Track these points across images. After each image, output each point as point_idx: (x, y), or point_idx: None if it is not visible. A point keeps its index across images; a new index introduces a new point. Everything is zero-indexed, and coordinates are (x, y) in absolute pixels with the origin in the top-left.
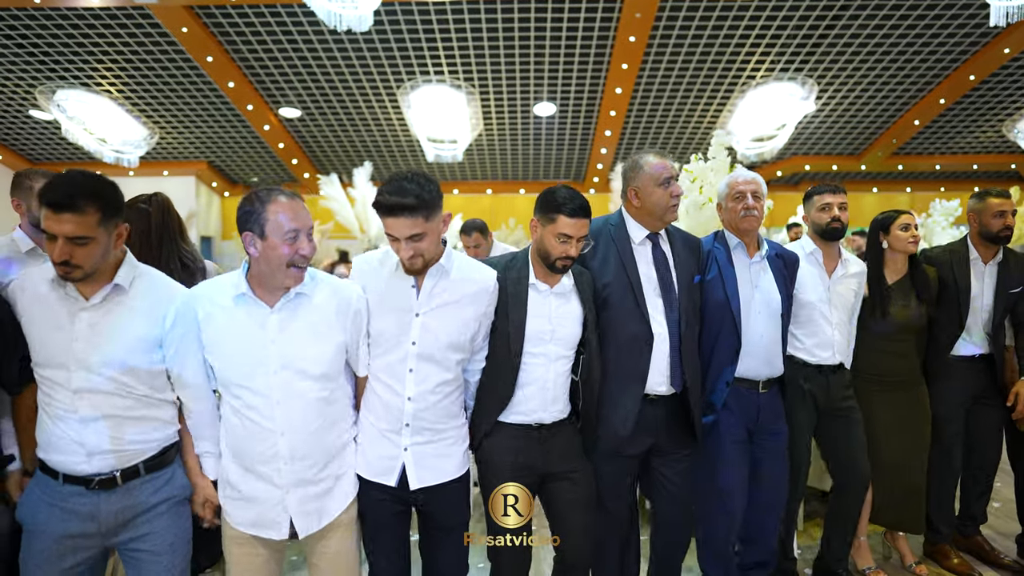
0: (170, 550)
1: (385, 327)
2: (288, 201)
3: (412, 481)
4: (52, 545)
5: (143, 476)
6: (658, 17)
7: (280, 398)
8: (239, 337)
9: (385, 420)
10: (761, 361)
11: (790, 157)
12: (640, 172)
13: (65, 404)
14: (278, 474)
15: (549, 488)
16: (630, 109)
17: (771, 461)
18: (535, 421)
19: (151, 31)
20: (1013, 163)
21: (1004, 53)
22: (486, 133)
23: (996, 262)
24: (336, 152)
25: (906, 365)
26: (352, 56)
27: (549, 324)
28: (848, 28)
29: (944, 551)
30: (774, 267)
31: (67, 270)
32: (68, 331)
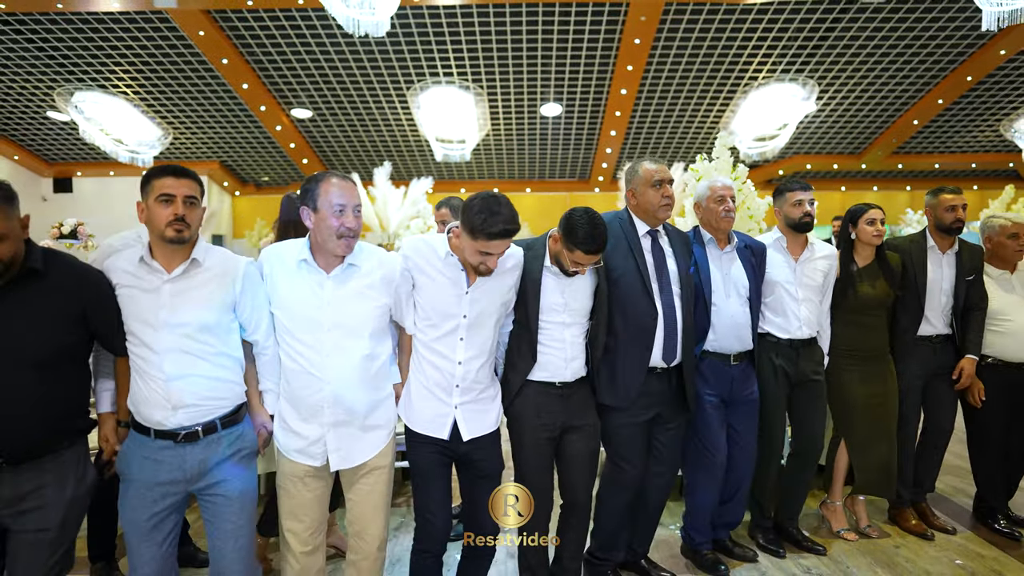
0: (240, 495)
1: (439, 303)
2: (339, 181)
3: (464, 434)
4: (145, 491)
5: (220, 431)
6: (662, 20)
7: (329, 352)
8: (299, 296)
9: (437, 383)
10: (732, 338)
11: (791, 156)
12: (636, 175)
13: (153, 365)
14: (322, 415)
15: (565, 439)
16: (635, 110)
17: (744, 426)
18: (558, 380)
19: (168, 34)
20: (1011, 161)
21: (1000, 55)
22: (493, 133)
23: (953, 252)
24: (346, 152)
25: (876, 339)
26: (363, 58)
27: (562, 298)
28: (848, 30)
29: (904, 515)
30: (743, 257)
31: (180, 227)
32: (155, 300)
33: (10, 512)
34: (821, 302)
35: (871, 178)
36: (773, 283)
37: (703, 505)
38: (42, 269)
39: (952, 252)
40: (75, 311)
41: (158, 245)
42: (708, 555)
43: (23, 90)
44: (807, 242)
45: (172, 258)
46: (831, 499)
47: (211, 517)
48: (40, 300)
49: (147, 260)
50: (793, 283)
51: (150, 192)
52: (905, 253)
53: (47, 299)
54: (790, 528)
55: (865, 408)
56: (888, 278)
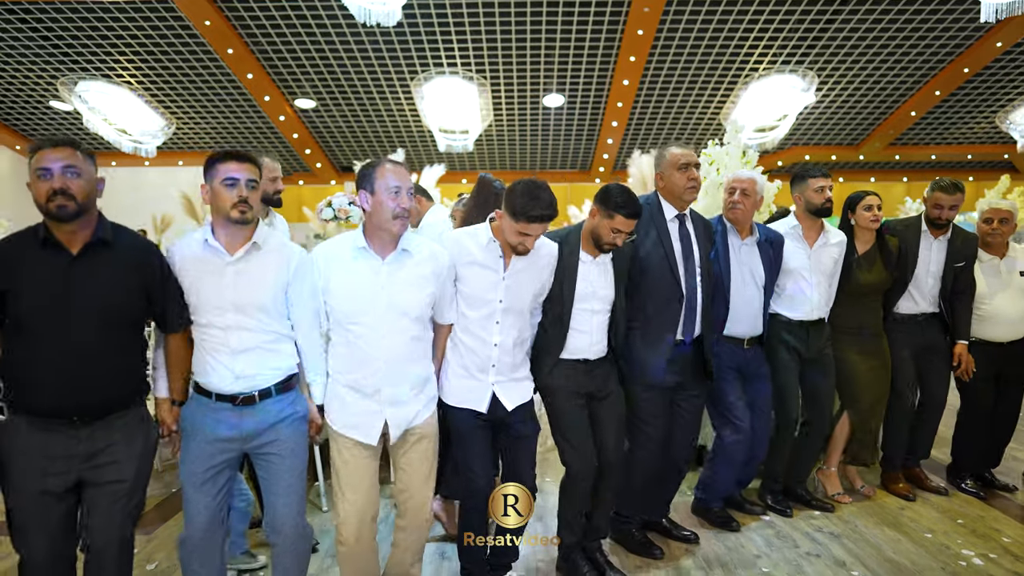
0: (292, 454)
1: (478, 288)
2: (393, 165)
3: (507, 405)
4: (205, 446)
5: (274, 397)
6: (665, 11)
7: (385, 332)
8: (357, 282)
9: (474, 363)
10: (747, 325)
11: (791, 147)
12: (664, 159)
13: (219, 339)
14: (378, 394)
15: (592, 405)
16: (636, 100)
17: (760, 396)
18: (583, 358)
19: (173, 23)
20: (1006, 153)
21: (996, 47)
22: (496, 124)
23: (945, 238)
24: (348, 142)
25: (874, 319)
26: (367, 48)
27: (591, 287)
28: (847, 23)
29: (894, 478)
30: (763, 249)
31: (244, 208)
32: (219, 281)
33: (87, 467)
34: (831, 286)
35: (869, 169)
36: (789, 271)
37: (725, 471)
38: (111, 240)
39: (944, 238)
40: (139, 282)
41: (222, 226)
42: (719, 512)
43: (26, 80)
44: (822, 228)
45: (234, 239)
46: (827, 465)
47: (265, 475)
48: (110, 268)
49: (211, 242)
50: (808, 269)
51: (215, 175)
52: (901, 235)
53: (116, 268)
54: (799, 490)
55: (866, 380)
56: (886, 262)
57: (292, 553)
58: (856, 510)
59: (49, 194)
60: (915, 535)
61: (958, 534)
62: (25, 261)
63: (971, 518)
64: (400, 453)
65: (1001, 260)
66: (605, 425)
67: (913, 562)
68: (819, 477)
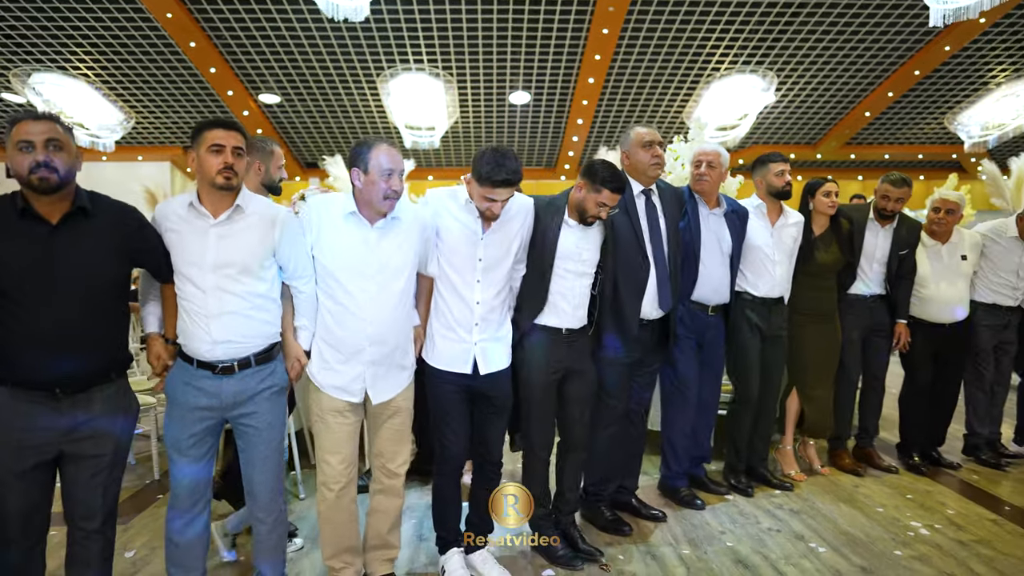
0: (269, 427)
1: (458, 244)
2: (387, 147)
3: (482, 369)
4: (186, 413)
5: (253, 367)
6: (630, 11)
7: (373, 295)
8: (347, 245)
9: (458, 322)
10: (712, 290)
11: (751, 146)
12: (629, 138)
13: (198, 301)
14: (363, 354)
15: (565, 381)
16: (601, 98)
17: (712, 368)
18: (565, 327)
19: (133, 16)
20: (954, 153)
21: (945, 51)
22: (462, 121)
23: (892, 227)
24: (313, 138)
25: (828, 300)
26: (333, 44)
27: (576, 248)
28: (805, 25)
29: (841, 455)
30: (729, 220)
31: (229, 175)
32: (202, 242)
33: (67, 439)
34: (791, 265)
35: (826, 167)
36: (753, 246)
37: (679, 436)
38: (90, 208)
39: (891, 228)
40: (121, 246)
41: (207, 192)
42: (685, 492)
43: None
44: (782, 209)
45: (219, 204)
46: (783, 444)
47: (244, 445)
48: (91, 237)
49: (196, 205)
50: (771, 246)
51: (201, 143)
52: (853, 221)
53: (97, 236)
54: (760, 469)
55: (816, 360)
56: (840, 243)
57: (269, 523)
58: (814, 488)
59: (32, 166)
60: (868, 510)
61: (907, 508)
62: (3, 232)
63: (919, 493)
64: (379, 422)
65: (944, 246)
66: (574, 402)
67: (866, 534)
68: (776, 455)
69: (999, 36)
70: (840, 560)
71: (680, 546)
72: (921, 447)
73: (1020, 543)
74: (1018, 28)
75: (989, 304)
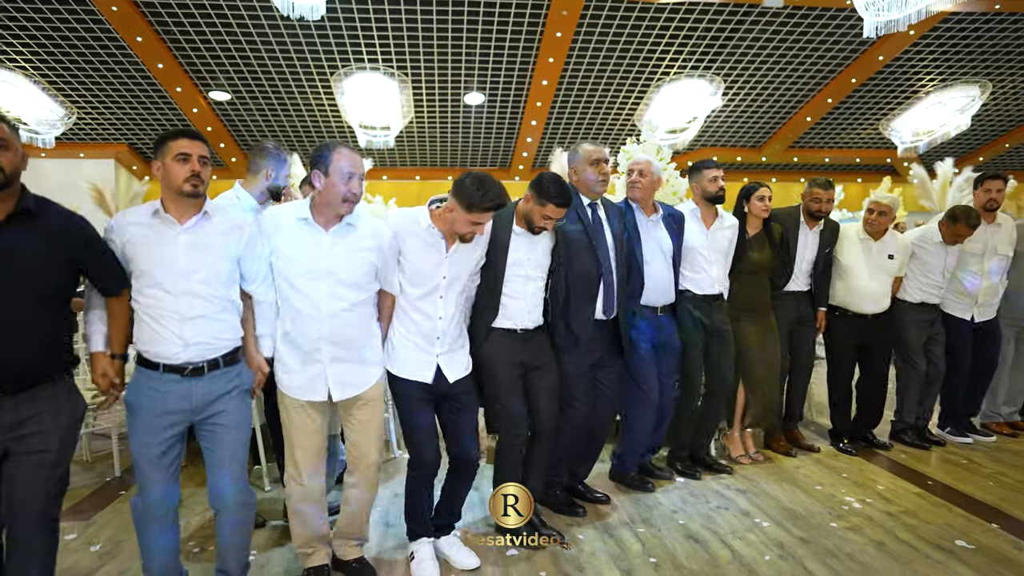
0: (236, 425)
1: (423, 267)
2: (348, 151)
3: (449, 377)
4: (154, 420)
5: (221, 368)
6: (583, 15)
7: (324, 296)
8: (301, 250)
9: (421, 336)
10: (659, 293)
11: (700, 148)
12: (577, 155)
13: (168, 306)
14: (319, 352)
15: (528, 375)
16: (555, 101)
17: (667, 368)
18: (520, 327)
19: (76, 8)
20: (888, 157)
21: (879, 60)
22: (417, 120)
23: (819, 229)
24: (265, 136)
25: (762, 296)
26: (287, 41)
27: (526, 255)
28: (750, 32)
29: (776, 439)
30: (667, 224)
31: (196, 183)
32: (172, 249)
33: (11, 437)
34: (726, 264)
35: (770, 170)
36: (690, 248)
37: (639, 437)
38: (35, 210)
39: (818, 229)
40: (65, 254)
41: (173, 200)
42: (634, 477)
43: None
44: (717, 213)
45: (185, 211)
46: (731, 431)
47: (210, 445)
48: (35, 239)
49: (161, 213)
50: (707, 247)
51: (166, 152)
52: (783, 222)
53: (41, 239)
54: (703, 455)
55: (757, 353)
56: (772, 245)
57: (233, 522)
58: (757, 470)
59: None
60: (807, 487)
61: (843, 485)
62: None
63: (853, 471)
64: (349, 414)
65: (875, 243)
66: (539, 394)
67: (806, 509)
68: (724, 441)
69: (927, 48)
70: (782, 533)
71: (635, 525)
72: (852, 430)
73: (941, 512)
74: (944, 41)
75: (918, 303)
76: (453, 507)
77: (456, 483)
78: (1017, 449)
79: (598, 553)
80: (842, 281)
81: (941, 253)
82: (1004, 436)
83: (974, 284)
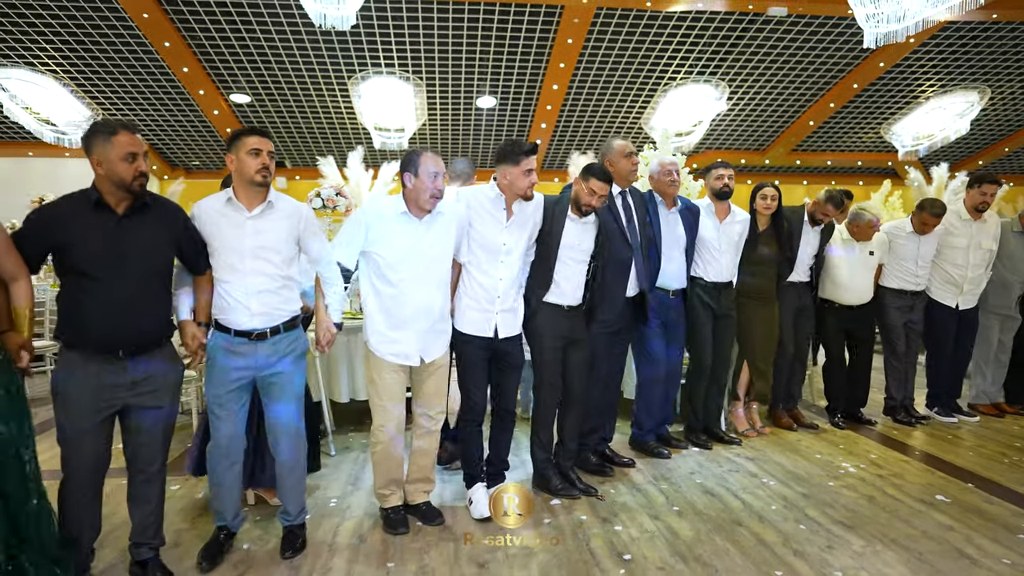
0: (291, 381)
1: (488, 232)
2: (433, 154)
3: (502, 333)
4: (225, 374)
5: (282, 333)
6: (593, 23)
7: (422, 278)
8: (401, 238)
9: (484, 297)
10: (672, 277)
11: (705, 151)
12: (612, 149)
13: (238, 281)
14: (416, 324)
15: (567, 350)
16: (564, 104)
17: (674, 346)
18: (567, 304)
19: (108, 15)
20: (889, 160)
21: (880, 66)
22: (430, 123)
23: (819, 229)
24: (282, 138)
25: (768, 285)
26: (307, 46)
27: (577, 240)
28: (755, 39)
29: (777, 415)
30: (684, 217)
31: (265, 174)
32: (241, 232)
33: (132, 394)
34: (736, 255)
35: (774, 172)
36: (703, 238)
37: (650, 405)
38: (151, 203)
39: (819, 229)
40: (172, 236)
41: (244, 188)
42: (652, 445)
43: None
44: (729, 209)
45: (252, 200)
46: (734, 407)
47: (269, 399)
48: (153, 225)
49: (234, 201)
50: (717, 239)
51: (240, 147)
52: (790, 220)
53: (156, 225)
54: (715, 428)
55: (761, 335)
56: (779, 240)
57: (288, 449)
58: (764, 442)
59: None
60: (808, 456)
61: (840, 454)
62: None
63: (849, 443)
64: (423, 377)
65: (857, 243)
66: (574, 367)
67: (807, 472)
68: (730, 417)
69: (927, 55)
70: (786, 489)
71: (659, 483)
72: (843, 407)
73: (925, 475)
74: (943, 47)
75: (896, 289)
76: (500, 453)
77: (499, 430)
78: (999, 427)
79: (628, 503)
80: (829, 277)
81: (913, 242)
82: (990, 416)
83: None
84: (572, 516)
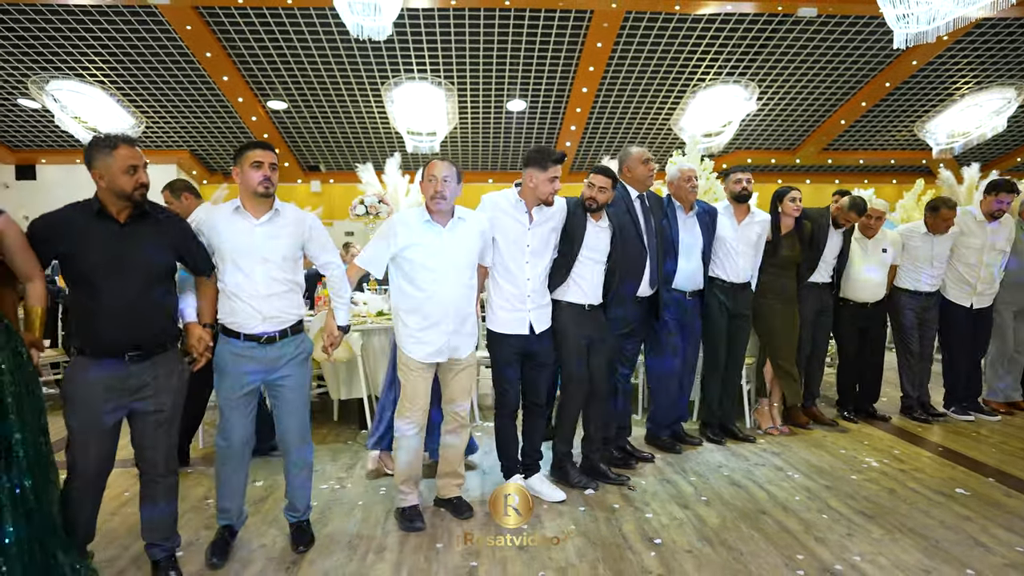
0: (298, 387)
1: (512, 235)
2: (436, 161)
3: (536, 328)
4: (235, 379)
5: (289, 337)
6: (622, 27)
7: (449, 280)
8: (427, 244)
9: (514, 297)
10: (688, 279)
11: (734, 151)
12: (630, 156)
13: (249, 287)
14: (447, 325)
15: (591, 348)
16: (593, 107)
17: (689, 345)
18: (587, 303)
19: (153, 27)
20: (923, 159)
21: (912, 64)
22: (461, 126)
23: (843, 230)
24: (316, 142)
25: (790, 285)
26: (342, 54)
27: (595, 241)
28: (785, 39)
29: (796, 414)
30: (701, 220)
31: (268, 185)
32: (250, 239)
33: (135, 398)
34: (755, 256)
35: (804, 172)
36: (722, 239)
37: (665, 402)
38: (150, 211)
39: (842, 230)
40: (171, 242)
41: (249, 199)
42: (667, 440)
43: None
44: (748, 210)
45: (258, 209)
46: (760, 405)
47: (278, 401)
48: (153, 233)
49: (241, 210)
50: (735, 240)
51: (244, 160)
52: (814, 222)
53: (156, 233)
54: (730, 426)
55: (783, 335)
56: (802, 241)
57: (295, 461)
58: (789, 439)
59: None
60: (832, 451)
61: (863, 449)
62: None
63: (872, 439)
64: (450, 376)
65: (870, 241)
66: (598, 364)
67: (831, 466)
68: (755, 415)
69: (961, 52)
70: (810, 482)
71: (687, 475)
72: (856, 403)
73: (946, 469)
74: (978, 44)
75: (911, 291)
76: (534, 443)
77: (531, 422)
78: (1021, 424)
79: (658, 493)
80: (845, 275)
81: (928, 243)
82: (1003, 415)
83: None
84: (605, 504)
